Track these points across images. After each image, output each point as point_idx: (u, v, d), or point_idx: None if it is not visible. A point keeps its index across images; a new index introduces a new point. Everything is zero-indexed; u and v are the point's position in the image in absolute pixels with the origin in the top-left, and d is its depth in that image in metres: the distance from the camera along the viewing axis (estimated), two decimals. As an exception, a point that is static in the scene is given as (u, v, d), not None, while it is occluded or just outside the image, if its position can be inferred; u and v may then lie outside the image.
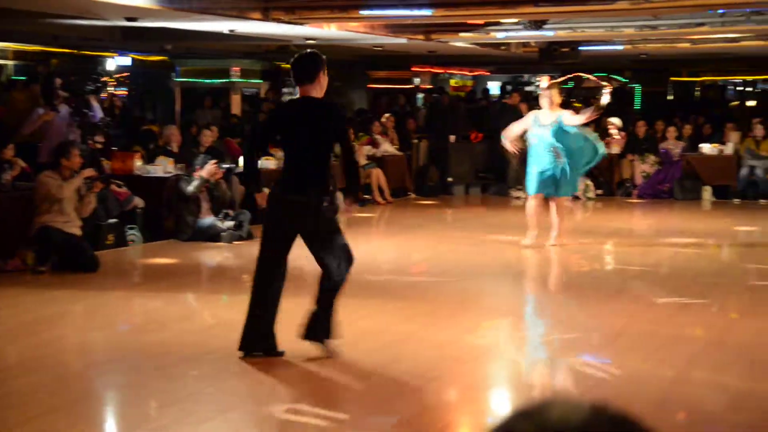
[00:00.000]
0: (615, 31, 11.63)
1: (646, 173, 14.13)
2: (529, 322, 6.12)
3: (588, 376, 4.77)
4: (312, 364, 4.92)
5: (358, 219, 11.80)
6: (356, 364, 4.91)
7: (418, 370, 4.83)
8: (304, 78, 4.86)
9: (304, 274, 6.28)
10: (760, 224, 11.51)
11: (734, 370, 4.80)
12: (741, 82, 21.23)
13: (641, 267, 8.11)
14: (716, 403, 4.33)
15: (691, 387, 4.56)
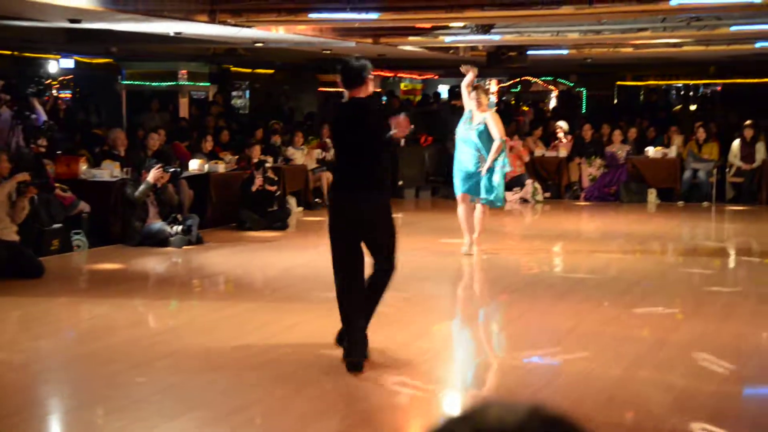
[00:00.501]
0: (560, 36, 11.80)
1: (592, 176, 14.34)
2: (478, 325, 6.15)
3: (536, 376, 4.82)
4: (261, 370, 4.88)
5: (307, 223, 11.76)
6: (304, 368, 4.88)
7: (367, 374, 4.81)
8: (354, 80, 4.97)
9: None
10: (703, 226, 11.77)
11: (679, 369, 4.89)
12: (683, 87, 21.70)
13: (588, 269, 8.21)
14: (662, 403, 4.40)
15: (637, 386, 4.63)
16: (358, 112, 4.95)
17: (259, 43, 13.27)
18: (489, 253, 8.68)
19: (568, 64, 18.39)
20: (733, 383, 4.73)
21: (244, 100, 20.00)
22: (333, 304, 6.52)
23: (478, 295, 7.12)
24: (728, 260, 9.24)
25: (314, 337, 5.56)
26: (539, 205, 13.84)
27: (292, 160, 12.98)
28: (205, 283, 7.71)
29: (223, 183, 11.14)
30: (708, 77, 20.50)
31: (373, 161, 4.93)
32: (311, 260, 8.80)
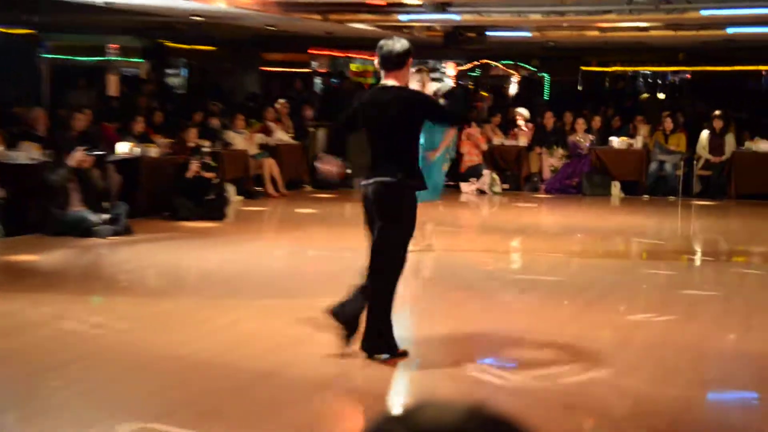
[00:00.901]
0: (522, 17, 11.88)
1: (554, 167, 14.49)
2: (431, 324, 6.17)
3: (489, 380, 4.84)
4: (195, 370, 4.82)
5: (247, 213, 11.68)
6: (240, 370, 4.84)
7: (310, 376, 4.80)
8: (393, 64, 5.10)
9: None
10: (669, 222, 11.98)
11: (640, 373, 4.96)
12: (651, 74, 22.05)
13: (548, 266, 8.29)
14: (621, 408, 4.46)
15: (595, 390, 4.68)
16: (390, 95, 5.07)
17: (197, 17, 13.11)
18: (446, 249, 8.70)
19: (530, 47, 18.53)
20: (696, 388, 4.81)
21: (180, 79, 19.77)
22: (274, 300, 6.50)
23: (429, 294, 7.14)
24: (694, 258, 9.41)
25: (253, 336, 5.51)
26: (497, 197, 13.94)
27: (231, 144, 12.87)
28: (132, 276, 7.60)
29: (155, 168, 10.99)
30: (677, 64, 20.84)
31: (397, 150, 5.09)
32: (251, 253, 8.74)
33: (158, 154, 11.25)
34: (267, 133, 13.84)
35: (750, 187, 13.69)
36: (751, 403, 4.69)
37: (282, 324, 5.86)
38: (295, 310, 6.25)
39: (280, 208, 12.38)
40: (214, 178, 10.85)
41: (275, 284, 7.17)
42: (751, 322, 6.20)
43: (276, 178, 13.29)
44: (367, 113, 5.15)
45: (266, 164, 13.18)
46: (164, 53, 18.38)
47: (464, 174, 14.32)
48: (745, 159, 13.73)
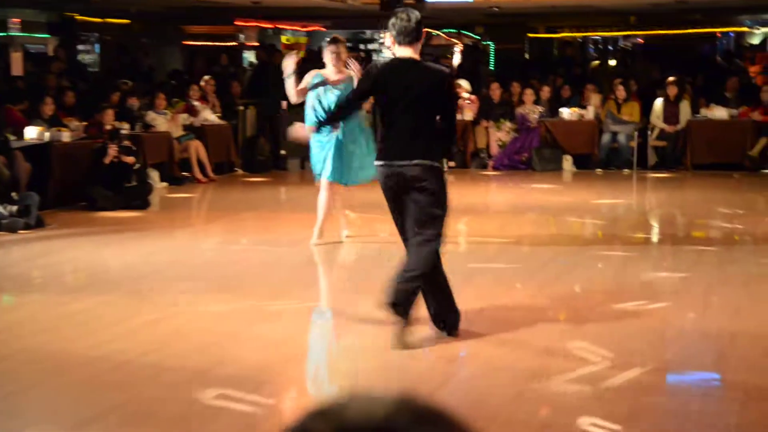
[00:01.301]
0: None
1: (501, 142, 14.60)
2: (375, 313, 6.18)
3: (438, 370, 4.88)
4: (119, 372, 4.77)
5: (172, 200, 11.56)
6: (167, 371, 4.79)
7: (245, 373, 4.78)
8: (412, 37, 5.27)
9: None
10: (624, 196, 12.17)
11: (595, 357, 5.03)
12: (601, 39, 22.32)
13: (498, 247, 8.37)
14: (577, 395, 4.53)
15: (549, 379, 4.74)
16: (415, 70, 5.27)
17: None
18: (392, 233, 8.71)
19: (473, 14, 18.62)
20: (656, 370, 4.90)
21: (93, 56, 19.41)
22: (202, 295, 6.45)
23: (371, 280, 7.15)
24: (650, 234, 9.59)
25: (179, 334, 5.47)
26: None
27: (153, 126, 12.70)
28: (47, 273, 7.47)
29: (68, 154, 10.81)
30: (628, 28, 21.14)
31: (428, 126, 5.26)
32: (177, 244, 8.65)
33: (71, 139, 11.05)
34: (192, 113, 13.67)
35: (707, 156, 13.98)
36: (711, 384, 4.80)
37: (210, 321, 5.82)
38: (224, 306, 6.21)
39: (208, 195, 12.28)
40: (134, 164, 10.70)
41: (203, 278, 7.11)
42: (710, 299, 6.34)
43: (203, 162, 13.16)
44: (390, 90, 5.27)
45: (192, 147, 13.03)
46: (74, 28, 18.00)
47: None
48: (701, 127, 14.00)
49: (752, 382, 4.69)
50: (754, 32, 21.36)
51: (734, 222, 9.81)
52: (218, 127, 13.91)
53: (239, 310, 6.09)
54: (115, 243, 8.55)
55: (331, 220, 8.19)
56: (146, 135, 12.32)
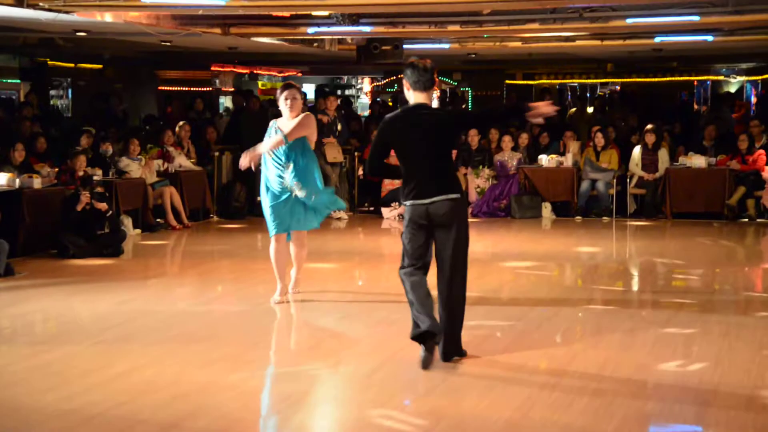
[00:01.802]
0: (439, 28, 12.05)
1: (480, 188, 14.68)
2: (348, 361, 6.15)
3: (417, 420, 4.85)
4: (89, 426, 4.71)
5: (146, 248, 11.50)
6: (140, 423, 4.74)
7: (219, 425, 4.73)
8: (425, 84, 5.92)
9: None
10: (603, 244, 12.23)
11: (576, 407, 5.03)
12: (579, 86, 22.58)
13: (477, 295, 8.37)
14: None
15: (530, 429, 4.73)
16: (424, 115, 5.87)
17: (81, 33, 12.92)
18: (370, 279, 8.67)
19: (451, 60, 18.82)
20: (637, 422, 4.90)
21: (65, 101, 19.42)
22: (176, 344, 6.40)
23: (349, 327, 7.12)
24: (630, 282, 9.62)
25: (152, 385, 5.41)
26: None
27: (126, 173, 12.68)
28: (16, 323, 7.40)
29: (39, 201, 10.75)
30: (606, 76, 21.41)
31: (444, 163, 5.93)
32: (150, 293, 8.60)
33: (42, 185, 11.01)
34: (166, 158, 13.67)
35: (686, 205, 14.10)
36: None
37: (184, 370, 5.77)
38: (198, 355, 6.17)
39: (183, 242, 12.23)
40: (107, 210, 10.66)
41: (177, 327, 7.06)
42: (691, 350, 6.36)
43: (178, 209, 13.13)
44: (408, 136, 5.86)
45: (166, 193, 13.00)
46: (46, 73, 18.02)
47: (385, 198, 14.40)
48: (679, 175, 14.14)
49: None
50: (730, 81, 21.70)
51: (714, 271, 9.88)
52: (193, 173, 13.90)
53: (212, 361, 6.04)
54: (87, 292, 8.49)
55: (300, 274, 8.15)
56: (120, 181, 12.29)
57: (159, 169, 13.36)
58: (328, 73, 22.92)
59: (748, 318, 7.49)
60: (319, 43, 14.18)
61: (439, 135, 5.85)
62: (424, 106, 5.90)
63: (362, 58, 13.80)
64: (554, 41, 14.41)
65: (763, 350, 6.34)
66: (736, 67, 21.12)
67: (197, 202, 13.91)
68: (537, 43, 14.81)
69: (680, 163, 14.41)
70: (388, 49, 13.26)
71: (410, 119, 5.88)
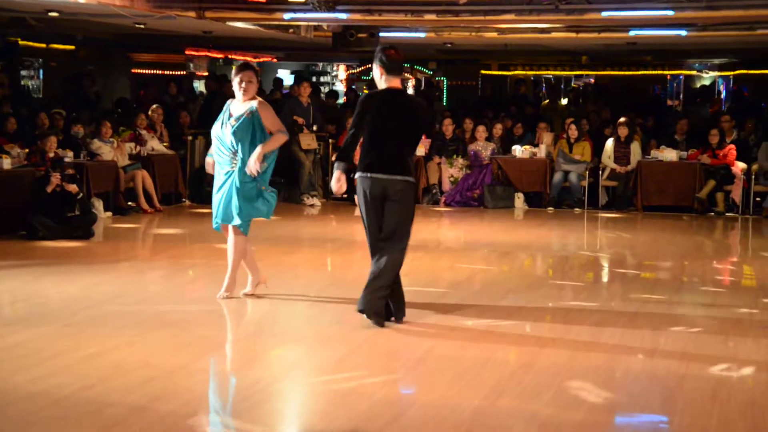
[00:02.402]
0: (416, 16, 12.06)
1: (453, 178, 14.72)
2: (322, 349, 6.17)
3: (386, 407, 4.88)
4: (54, 409, 4.69)
5: (116, 231, 11.45)
6: (108, 406, 4.73)
7: (188, 409, 4.73)
8: (400, 70, 6.44)
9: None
10: (574, 236, 12.31)
11: (544, 397, 5.08)
12: (553, 78, 22.68)
13: (449, 284, 8.42)
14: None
15: (497, 417, 4.77)
16: (404, 100, 6.42)
17: (53, 13, 12.80)
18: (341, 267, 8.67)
19: (426, 49, 18.82)
20: (603, 411, 4.96)
21: (37, 81, 19.23)
22: (145, 327, 6.39)
23: (322, 314, 7.13)
24: (600, 274, 9.71)
25: (120, 368, 5.40)
26: (393, 210, 14.05)
27: (98, 155, 12.60)
28: (-16, 304, 7.34)
29: (9, 182, 10.67)
30: (580, 68, 21.52)
31: (408, 148, 6.49)
32: (120, 276, 8.56)
33: (12, 166, 10.91)
34: (139, 142, 13.59)
35: (657, 198, 14.22)
36: (659, 427, 4.86)
37: (153, 354, 5.76)
38: (169, 339, 6.16)
39: (154, 225, 12.18)
40: (77, 193, 10.59)
41: (147, 310, 7.04)
42: (658, 341, 6.43)
43: (150, 192, 13.07)
44: (383, 115, 6.31)
45: (138, 176, 12.94)
46: (17, 52, 17.83)
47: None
48: (651, 169, 14.25)
49: (700, 424, 4.76)
50: (703, 76, 21.87)
51: (683, 264, 9.98)
52: (166, 157, 13.83)
53: (183, 345, 6.04)
54: (56, 274, 8.44)
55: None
56: (91, 164, 12.21)
57: (131, 152, 13.30)
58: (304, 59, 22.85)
59: (715, 310, 7.58)
60: (294, 29, 14.14)
61: (416, 121, 6.39)
62: (403, 91, 6.43)
63: (338, 45, 13.77)
64: (530, 33, 14.46)
65: (729, 342, 6.43)
66: (708, 62, 21.29)
67: (169, 186, 13.85)
68: (513, 34, 14.86)
69: (652, 156, 14.52)
70: (364, 36, 13.24)
71: (393, 99, 6.35)
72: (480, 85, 21.67)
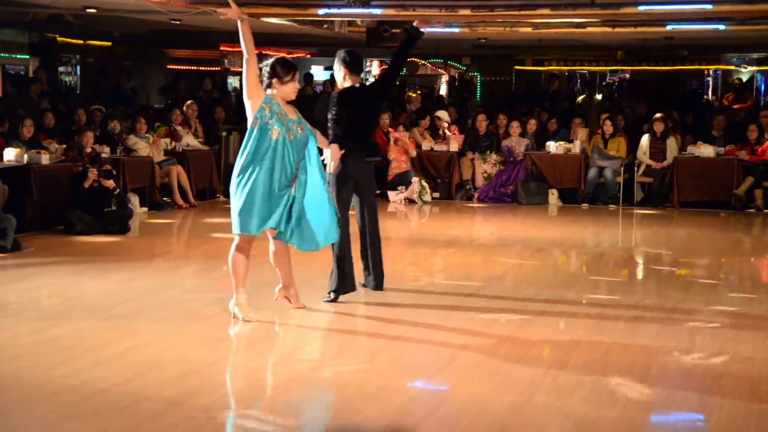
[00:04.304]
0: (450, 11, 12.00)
1: (487, 174, 14.68)
2: (354, 345, 6.18)
3: (420, 404, 4.88)
4: (94, 401, 4.74)
5: (152, 226, 11.54)
6: (144, 400, 4.77)
7: (223, 402, 4.76)
8: (360, 70, 7.36)
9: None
10: (609, 232, 12.23)
11: (579, 394, 5.05)
12: (588, 74, 22.52)
13: (482, 281, 8.39)
14: (560, 430, 4.54)
15: (532, 414, 4.76)
16: (368, 95, 7.44)
17: (90, 9, 12.91)
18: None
19: (460, 44, 18.76)
20: (639, 409, 4.92)
21: (74, 78, 19.43)
22: (181, 322, 6.43)
23: (357, 310, 7.15)
24: (635, 271, 9.63)
25: (157, 362, 5.45)
26: (427, 206, 14.04)
27: (134, 150, 12.70)
28: (22, 297, 7.43)
29: (47, 177, 10.78)
30: (616, 63, 21.34)
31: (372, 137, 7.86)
32: (156, 270, 8.63)
33: (50, 161, 11.03)
34: (174, 137, 13.68)
35: (693, 194, 14.08)
36: (696, 425, 4.82)
37: (189, 349, 5.80)
38: (204, 333, 6.20)
39: (189, 221, 12.25)
40: (114, 188, 10.68)
41: (183, 305, 7.09)
42: (695, 339, 6.38)
43: (185, 187, 13.15)
44: (357, 108, 7.15)
45: (174, 172, 13.03)
46: (55, 49, 18.02)
47: (392, 182, 14.40)
48: (687, 165, 14.11)
49: (737, 423, 4.71)
50: (741, 70, 21.62)
51: (720, 261, 9.88)
52: (200, 153, 13.91)
53: (218, 339, 6.07)
54: (93, 269, 8.52)
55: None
56: (127, 159, 12.31)
57: (166, 147, 13.39)
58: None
59: (753, 308, 7.50)
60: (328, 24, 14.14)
61: (376, 108, 7.63)
62: (363, 86, 7.45)
63: (372, 40, 13.75)
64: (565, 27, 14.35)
65: (767, 340, 6.35)
66: (747, 57, 21.03)
67: (204, 181, 13.93)
68: (547, 29, 14.75)
69: (688, 152, 14.38)
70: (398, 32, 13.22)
71: (359, 93, 7.26)
72: (514, 81, 21.57)
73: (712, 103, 20.68)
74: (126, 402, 4.76)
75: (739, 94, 19.13)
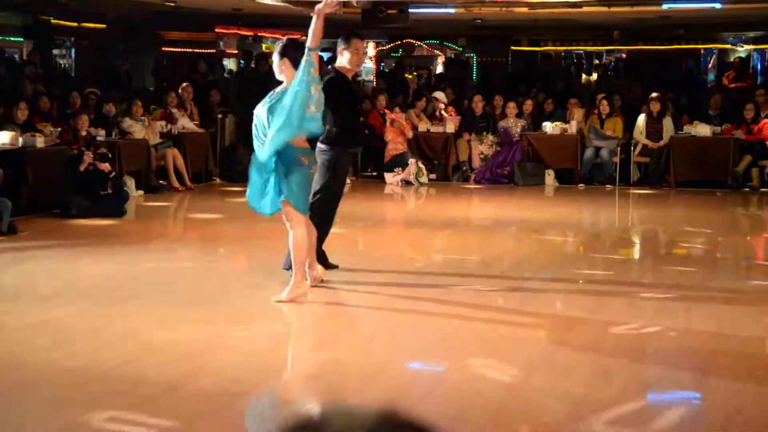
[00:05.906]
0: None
1: (484, 155, 14.68)
2: (351, 327, 6.20)
3: (419, 384, 4.90)
4: (93, 384, 4.75)
5: (148, 209, 11.53)
6: (142, 383, 4.78)
7: (222, 384, 4.78)
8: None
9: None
10: (605, 212, 12.25)
11: (576, 374, 5.07)
12: (584, 54, 22.49)
13: (479, 262, 8.41)
14: (556, 411, 4.56)
15: (530, 393, 4.78)
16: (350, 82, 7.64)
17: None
18: (370, 245, 8.68)
19: (456, 25, 18.71)
20: (636, 388, 4.94)
21: (68, 60, 19.36)
22: (179, 305, 6.45)
23: (358, 291, 7.16)
24: (632, 251, 9.66)
25: (154, 345, 5.46)
26: (424, 187, 14.05)
27: (129, 133, 12.67)
28: (19, 281, 7.43)
29: (42, 160, 10.76)
30: (612, 43, 21.31)
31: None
32: (153, 254, 8.63)
33: (45, 145, 11.01)
34: (169, 120, 13.66)
35: (690, 173, 14.10)
36: (692, 403, 4.84)
37: (187, 331, 5.81)
38: (202, 316, 6.21)
39: (185, 204, 12.25)
40: (110, 171, 10.67)
41: (180, 288, 7.10)
42: (690, 318, 6.40)
43: (180, 170, 13.14)
44: (350, 94, 7.41)
45: (169, 155, 13.01)
46: (49, 31, 17.95)
47: (388, 164, 14.40)
48: (684, 144, 14.12)
49: (734, 401, 4.73)
50: (737, 49, 21.59)
51: (716, 240, 9.90)
52: (196, 135, 13.89)
53: (215, 322, 6.09)
54: (90, 252, 8.52)
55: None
56: (123, 142, 12.29)
57: (162, 130, 13.36)
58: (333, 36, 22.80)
59: (749, 286, 7.53)
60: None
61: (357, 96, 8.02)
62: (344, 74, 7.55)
63: (367, 21, 13.73)
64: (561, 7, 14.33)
65: (763, 318, 6.38)
66: (743, 36, 21.00)
67: (200, 164, 13.92)
68: (543, 9, 14.73)
69: (685, 131, 14.38)
70: (394, 13, 13.20)
71: (348, 82, 7.47)
72: (510, 61, 21.53)
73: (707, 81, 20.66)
74: (125, 385, 4.77)
75: (740, 72, 19.12)
